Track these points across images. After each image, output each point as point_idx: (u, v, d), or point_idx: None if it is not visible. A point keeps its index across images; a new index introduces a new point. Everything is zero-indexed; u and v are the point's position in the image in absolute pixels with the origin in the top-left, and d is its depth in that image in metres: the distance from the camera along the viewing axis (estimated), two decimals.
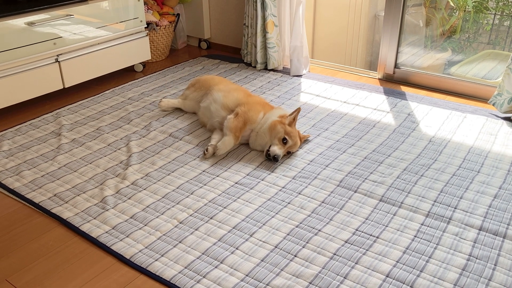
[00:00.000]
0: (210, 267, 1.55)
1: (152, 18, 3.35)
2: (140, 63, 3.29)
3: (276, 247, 1.64)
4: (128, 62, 3.16)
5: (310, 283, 1.48)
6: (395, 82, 3.09)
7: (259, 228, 1.73)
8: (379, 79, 3.15)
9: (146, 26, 3.20)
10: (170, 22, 3.48)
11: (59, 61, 2.73)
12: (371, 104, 2.72)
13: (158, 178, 2.03)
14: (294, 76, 3.18)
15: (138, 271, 1.57)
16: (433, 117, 2.56)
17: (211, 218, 1.78)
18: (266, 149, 2.14)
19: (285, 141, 2.13)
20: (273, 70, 3.27)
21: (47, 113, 2.65)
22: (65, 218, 1.80)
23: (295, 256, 1.59)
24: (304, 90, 2.94)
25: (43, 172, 2.09)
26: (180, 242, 1.67)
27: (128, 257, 1.60)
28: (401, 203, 1.85)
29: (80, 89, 3.02)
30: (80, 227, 1.75)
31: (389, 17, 2.97)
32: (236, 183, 2.00)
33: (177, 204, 1.87)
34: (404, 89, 2.97)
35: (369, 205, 1.84)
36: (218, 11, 3.65)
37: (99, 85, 3.07)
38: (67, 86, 2.81)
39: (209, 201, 1.88)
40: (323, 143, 2.31)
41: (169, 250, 1.63)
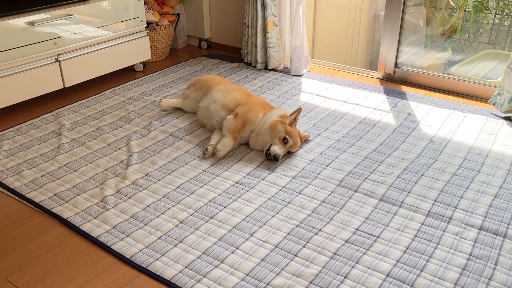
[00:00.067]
0: (211, 266, 1.55)
1: (152, 17, 3.35)
2: (140, 62, 3.29)
3: (276, 246, 1.64)
4: (128, 62, 3.16)
5: (311, 282, 1.48)
6: (395, 82, 3.09)
7: (260, 227, 1.73)
8: (379, 78, 3.15)
9: (146, 25, 3.20)
10: (171, 22, 3.48)
11: (59, 61, 2.73)
12: (371, 104, 2.72)
13: (158, 178, 2.03)
14: (294, 75, 3.17)
15: (138, 270, 1.57)
16: (433, 116, 2.56)
17: (211, 218, 1.78)
18: (266, 148, 2.14)
19: (286, 141, 2.13)
20: (273, 69, 3.27)
21: (47, 113, 2.65)
22: (65, 217, 1.80)
23: (295, 256, 1.59)
24: (304, 89, 2.94)
25: (44, 172, 2.09)
26: (180, 241, 1.67)
27: (128, 257, 1.60)
28: (402, 202, 1.85)
29: (80, 88, 3.02)
30: (80, 227, 1.75)
31: (390, 17, 2.97)
32: (236, 182, 2.00)
33: (177, 203, 1.87)
34: (404, 88, 2.97)
35: (369, 204, 1.84)
36: (218, 11, 3.65)
37: (99, 85, 3.07)
38: (67, 85, 2.81)
39: (210, 201, 1.88)
40: (323, 142, 2.31)
41: (169, 250, 1.63)
